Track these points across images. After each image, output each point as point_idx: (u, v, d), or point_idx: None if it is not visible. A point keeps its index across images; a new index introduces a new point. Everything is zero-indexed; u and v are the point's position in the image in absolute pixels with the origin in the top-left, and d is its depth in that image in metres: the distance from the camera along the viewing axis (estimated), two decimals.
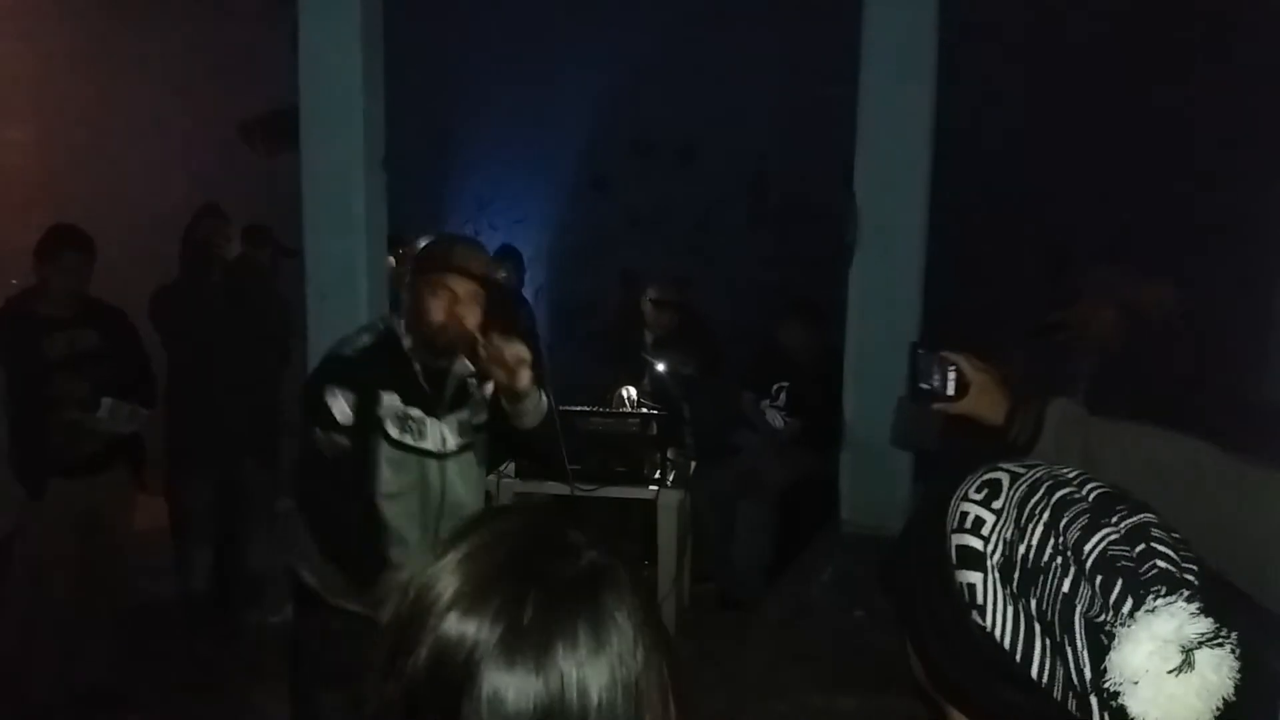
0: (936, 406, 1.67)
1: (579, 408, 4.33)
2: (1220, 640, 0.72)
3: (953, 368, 1.65)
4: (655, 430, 4.16)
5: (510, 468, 4.21)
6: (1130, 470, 1.36)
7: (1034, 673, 0.78)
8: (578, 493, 4.10)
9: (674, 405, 4.55)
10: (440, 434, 2.46)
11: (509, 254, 6.00)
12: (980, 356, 1.69)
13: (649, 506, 4.21)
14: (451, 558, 0.78)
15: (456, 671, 0.73)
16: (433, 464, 2.45)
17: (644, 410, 4.35)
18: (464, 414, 2.51)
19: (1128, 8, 5.31)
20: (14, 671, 3.59)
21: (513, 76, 6.38)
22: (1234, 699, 0.72)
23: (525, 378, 2.34)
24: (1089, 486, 0.82)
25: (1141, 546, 0.76)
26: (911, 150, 4.14)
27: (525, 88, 6.41)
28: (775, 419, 5.01)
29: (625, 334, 5.04)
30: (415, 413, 2.41)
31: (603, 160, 6.60)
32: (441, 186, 6.56)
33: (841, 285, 4.42)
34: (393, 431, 2.39)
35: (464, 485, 2.52)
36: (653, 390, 4.65)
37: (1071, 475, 0.83)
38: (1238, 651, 0.72)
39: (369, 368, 2.39)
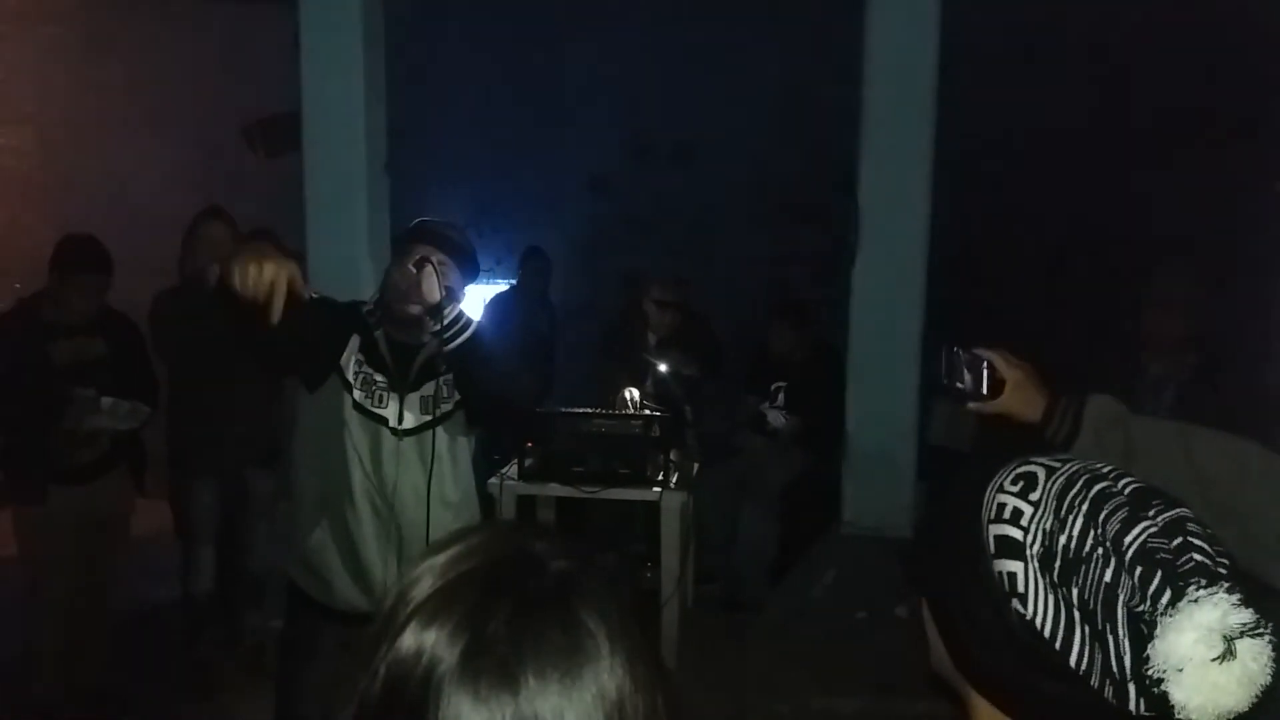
0: (971, 406, 1.61)
1: (581, 410, 4.33)
2: (1260, 630, 0.74)
3: (986, 365, 1.59)
4: (658, 432, 4.15)
5: (513, 470, 4.21)
6: (1172, 469, 1.36)
7: (1072, 661, 0.79)
8: (581, 494, 4.12)
9: (676, 407, 4.55)
10: (399, 408, 2.44)
11: (535, 255, 6.01)
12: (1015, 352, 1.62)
13: (652, 508, 4.21)
14: (418, 571, 0.73)
15: (414, 691, 0.67)
16: (389, 437, 2.43)
17: (646, 412, 4.35)
18: (427, 391, 2.47)
19: (1131, 10, 5.32)
20: (16, 675, 3.59)
21: (513, 79, 6.39)
22: (1271, 687, 0.74)
23: (431, 288, 2.29)
24: (1124, 481, 0.84)
25: (1179, 540, 0.78)
26: (914, 151, 4.14)
27: (525, 90, 6.42)
28: (777, 420, 5.01)
29: (627, 335, 5.03)
30: (380, 379, 2.43)
31: (602, 162, 6.61)
32: (443, 189, 6.55)
33: (842, 285, 4.43)
34: (357, 394, 2.42)
35: (421, 471, 2.46)
36: (655, 391, 4.64)
37: (1106, 470, 0.86)
38: (1275, 642, 0.74)
39: (348, 315, 2.50)
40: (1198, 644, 0.73)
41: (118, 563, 3.82)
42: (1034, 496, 0.85)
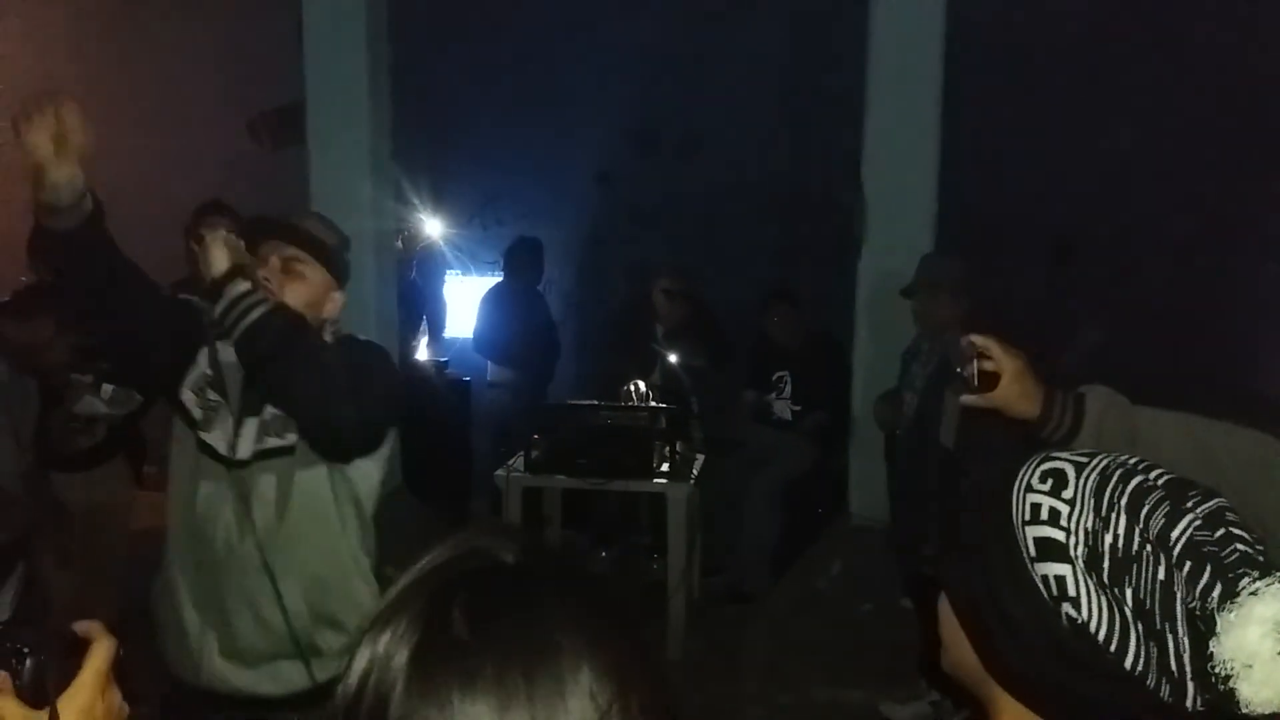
0: (964, 399, 1.49)
1: (588, 402, 4.34)
2: None
3: (979, 355, 1.45)
4: (664, 424, 4.16)
5: (519, 461, 4.21)
6: (1179, 460, 1.33)
7: (1128, 663, 0.78)
8: (587, 486, 4.13)
9: (683, 398, 4.55)
10: (232, 432, 1.88)
11: (529, 247, 5.90)
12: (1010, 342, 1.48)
13: (658, 500, 4.22)
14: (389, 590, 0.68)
15: (371, 704, 0.61)
16: (214, 470, 1.88)
17: (652, 404, 4.35)
18: (273, 412, 1.88)
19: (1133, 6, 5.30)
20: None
21: (519, 70, 6.38)
22: None
23: (216, 259, 1.78)
24: (1155, 472, 0.82)
25: (1221, 531, 0.76)
26: (919, 144, 4.13)
27: (531, 82, 6.41)
28: (784, 411, 5.01)
29: (634, 328, 5.03)
30: (213, 397, 1.90)
31: (608, 154, 6.60)
32: (447, 181, 6.55)
33: (848, 278, 4.42)
34: (196, 414, 1.91)
35: (279, 514, 1.87)
36: (663, 383, 4.65)
37: (1134, 462, 0.83)
38: None
39: (199, 324, 1.93)
40: (1264, 638, 0.72)
41: (115, 552, 3.83)
42: (1067, 495, 0.82)
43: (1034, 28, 5.42)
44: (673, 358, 4.75)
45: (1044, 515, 0.83)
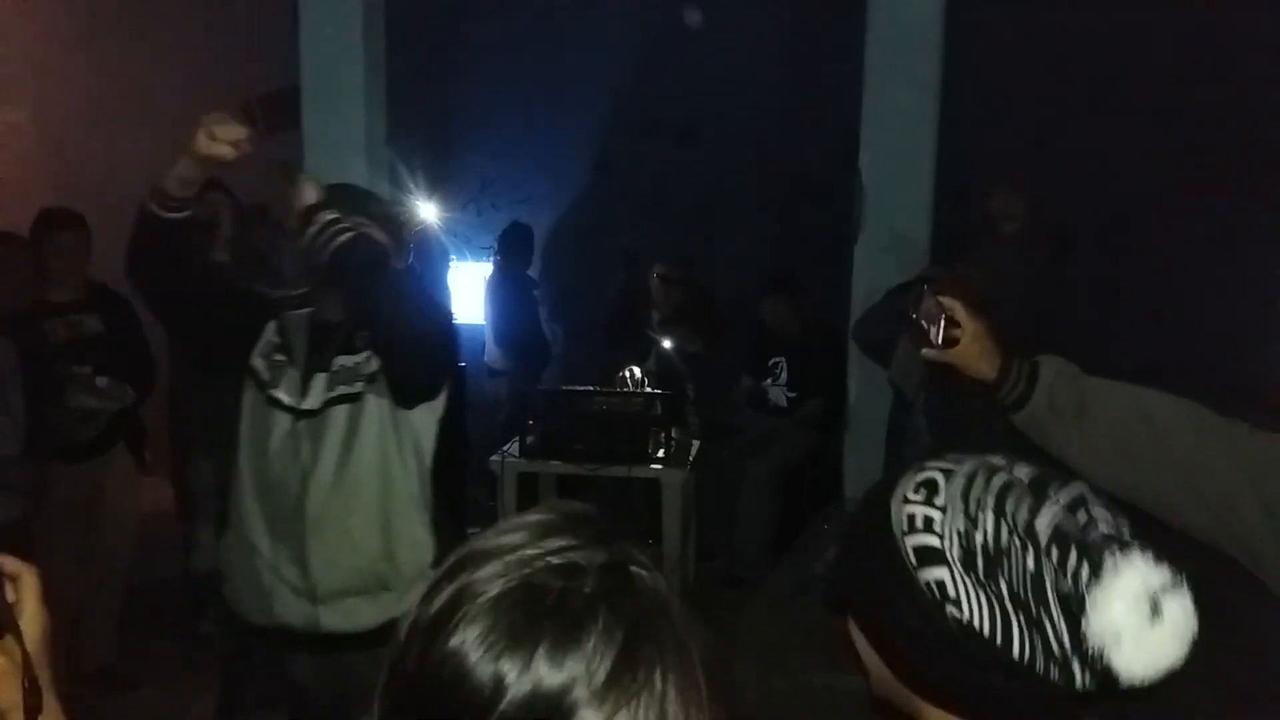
0: (924, 354, 1.56)
1: (584, 387, 4.33)
2: (1179, 583, 0.77)
3: (944, 314, 1.51)
4: (659, 410, 4.16)
5: (514, 446, 4.21)
6: (1127, 426, 1.37)
7: (1015, 653, 0.80)
8: (582, 471, 4.12)
9: (679, 384, 4.56)
10: (299, 385, 2.03)
11: (519, 232, 5.97)
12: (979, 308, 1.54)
13: (653, 485, 4.22)
14: (482, 570, 0.68)
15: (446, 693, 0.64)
16: (284, 421, 2.03)
17: (648, 390, 4.36)
18: (344, 364, 2.04)
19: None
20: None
21: (516, 56, 6.36)
22: (1199, 634, 0.77)
23: (303, 192, 1.96)
24: (1019, 468, 0.86)
25: (1084, 515, 0.81)
26: (916, 129, 4.11)
27: (528, 67, 6.39)
28: (779, 397, 5.01)
29: (629, 314, 5.04)
30: (280, 357, 2.07)
31: (606, 141, 6.59)
32: (444, 166, 6.53)
33: (845, 265, 4.42)
34: (262, 373, 2.07)
35: (348, 453, 2.01)
36: (658, 368, 4.65)
37: (999, 461, 0.87)
38: (1192, 590, 0.77)
39: (266, 304, 2.20)
40: (1129, 611, 0.75)
41: (121, 538, 3.83)
42: (939, 501, 0.85)
43: (1034, 18, 5.41)
44: (668, 344, 4.75)
45: (919, 524, 0.86)
